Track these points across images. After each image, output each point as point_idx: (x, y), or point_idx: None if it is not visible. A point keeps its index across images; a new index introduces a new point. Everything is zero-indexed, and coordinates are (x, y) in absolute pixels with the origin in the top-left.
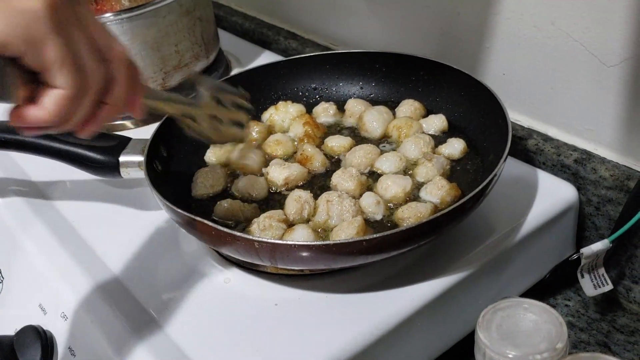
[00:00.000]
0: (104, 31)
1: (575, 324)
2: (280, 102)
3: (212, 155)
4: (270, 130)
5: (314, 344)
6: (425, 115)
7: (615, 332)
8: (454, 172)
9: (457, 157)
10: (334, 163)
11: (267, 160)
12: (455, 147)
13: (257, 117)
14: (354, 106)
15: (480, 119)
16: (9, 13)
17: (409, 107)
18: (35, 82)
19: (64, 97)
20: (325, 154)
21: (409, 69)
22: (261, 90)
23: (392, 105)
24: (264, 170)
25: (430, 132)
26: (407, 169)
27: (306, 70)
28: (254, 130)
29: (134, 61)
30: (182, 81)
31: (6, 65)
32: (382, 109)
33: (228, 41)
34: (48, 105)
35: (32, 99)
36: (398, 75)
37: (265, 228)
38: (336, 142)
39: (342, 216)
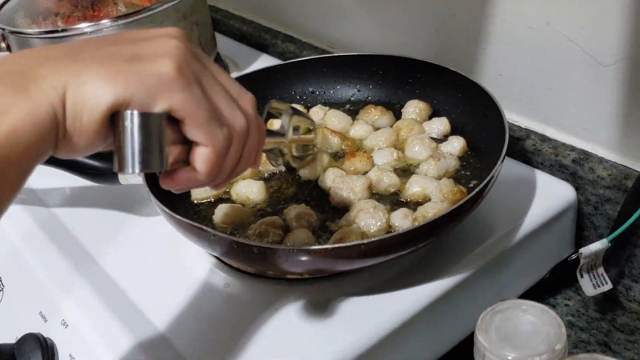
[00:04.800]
0: (233, 80)
1: (576, 323)
2: None
3: None
4: None
5: (314, 348)
6: (432, 115)
7: (615, 331)
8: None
9: (456, 155)
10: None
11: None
12: (454, 145)
13: None
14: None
15: (477, 120)
16: (140, 77)
17: (414, 108)
18: (183, 143)
19: (212, 152)
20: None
21: (405, 71)
22: (259, 94)
23: (397, 107)
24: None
25: (432, 135)
26: (406, 168)
27: (304, 74)
28: None
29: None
30: (269, 110)
31: (157, 129)
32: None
33: (225, 45)
34: (199, 165)
35: (180, 163)
36: (395, 77)
37: (261, 234)
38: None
39: (369, 227)
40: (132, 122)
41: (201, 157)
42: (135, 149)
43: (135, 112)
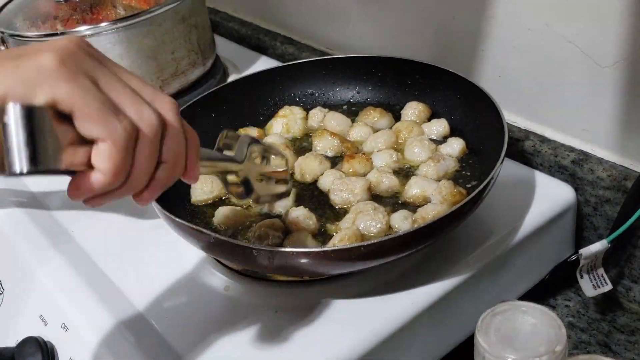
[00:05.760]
0: (147, 84)
1: (576, 324)
2: (285, 107)
3: None
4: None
5: (314, 350)
6: (431, 117)
7: (615, 332)
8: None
9: (455, 156)
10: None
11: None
12: (454, 147)
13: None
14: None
15: (476, 122)
16: (19, 69)
17: (413, 109)
18: (83, 144)
19: (112, 146)
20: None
21: (404, 72)
22: (258, 96)
23: (396, 109)
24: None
25: (432, 137)
26: (406, 169)
27: (303, 76)
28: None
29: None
30: (222, 141)
31: (43, 122)
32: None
33: (225, 47)
34: (99, 162)
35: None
36: (394, 79)
37: (260, 236)
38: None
39: (369, 229)
40: (11, 115)
41: (100, 153)
42: (20, 144)
43: (14, 104)
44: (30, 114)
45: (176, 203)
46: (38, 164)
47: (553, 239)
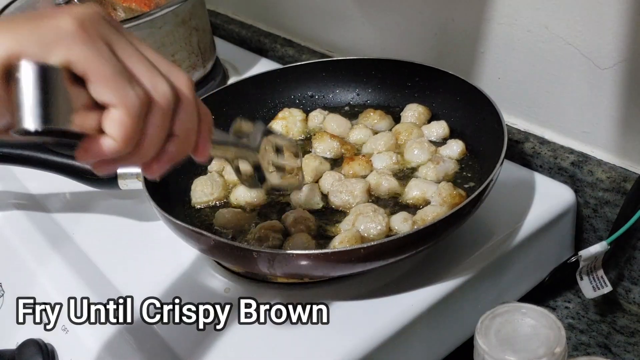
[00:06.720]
0: (164, 58)
1: (576, 326)
2: (285, 109)
3: (216, 166)
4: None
5: (314, 352)
6: (431, 119)
7: (615, 333)
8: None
9: (455, 158)
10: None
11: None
12: (454, 148)
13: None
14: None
15: (476, 124)
16: (36, 29)
17: (413, 111)
18: (97, 109)
19: (124, 114)
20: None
21: (404, 74)
22: (258, 98)
23: (396, 111)
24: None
25: (431, 139)
26: (406, 171)
27: (303, 78)
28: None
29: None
30: (237, 128)
31: (56, 82)
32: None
33: (225, 49)
34: (110, 128)
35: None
36: (394, 81)
37: (260, 239)
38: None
39: (368, 231)
40: (23, 72)
41: (111, 118)
42: (31, 101)
43: (27, 62)
44: (44, 73)
45: (176, 205)
46: (48, 123)
47: (553, 241)
